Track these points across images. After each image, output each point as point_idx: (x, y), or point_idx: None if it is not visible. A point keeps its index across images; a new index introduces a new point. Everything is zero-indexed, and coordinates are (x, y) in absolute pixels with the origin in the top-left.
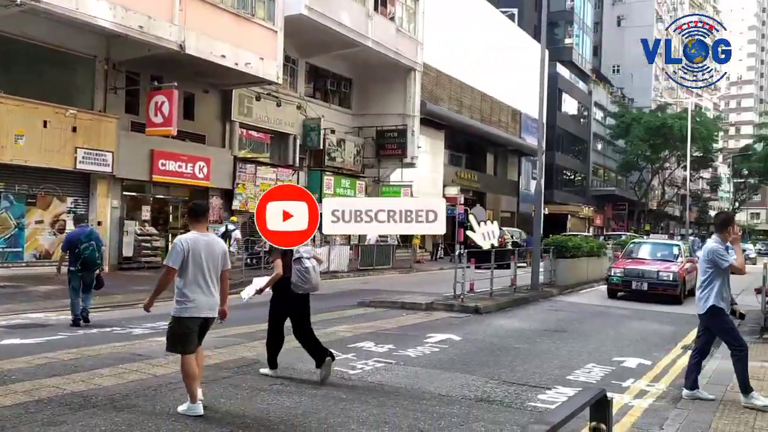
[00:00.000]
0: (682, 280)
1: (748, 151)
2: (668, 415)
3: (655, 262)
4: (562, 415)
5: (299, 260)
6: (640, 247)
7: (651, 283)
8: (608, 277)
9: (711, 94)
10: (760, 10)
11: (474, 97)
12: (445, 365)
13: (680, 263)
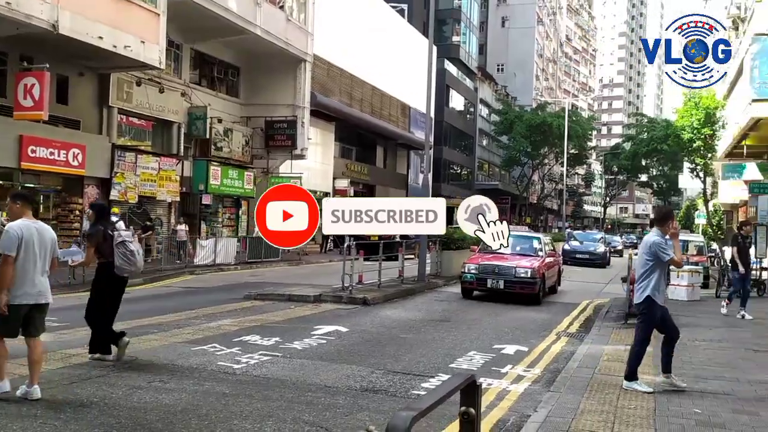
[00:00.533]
0: (541, 276)
1: (618, 150)
2: (542, 398)
3: (514, 257)
4: (429, 402)
5: (123, 243)
6: None
7: (507, 280)
8: (461, 275)
9: (586, 95)
10: (629, 18)
11: (365, 90)
12: (331, 357)
13: (541, 258)
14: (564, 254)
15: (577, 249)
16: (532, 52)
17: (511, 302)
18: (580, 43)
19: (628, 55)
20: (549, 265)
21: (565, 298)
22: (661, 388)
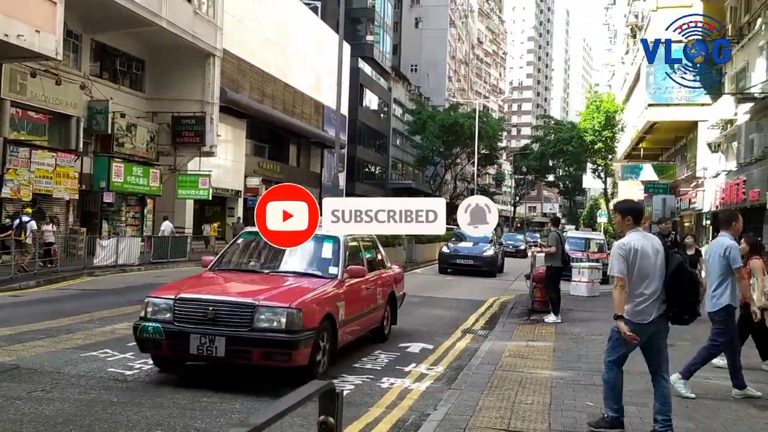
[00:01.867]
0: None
1: (527, 151)
2: (443, 396)
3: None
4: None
5: None
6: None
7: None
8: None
9: (496, 97)
10: (537, 23)
11: (277, 87)
12: None
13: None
14: (441, 259)
15: (458, 252)
16: (444, 54)
17: (421, 300)
18: (491, 46)
19: (537, 59)
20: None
21: (483, 289)
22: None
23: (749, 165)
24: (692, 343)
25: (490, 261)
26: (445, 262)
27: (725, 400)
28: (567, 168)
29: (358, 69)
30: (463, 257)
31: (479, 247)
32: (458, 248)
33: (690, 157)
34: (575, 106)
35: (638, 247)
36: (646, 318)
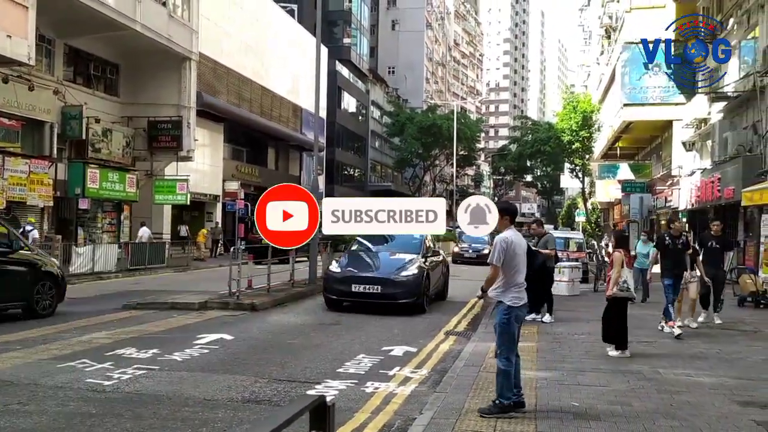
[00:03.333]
0: None
1: (505, 151)
2: (428, 399)
3: None
4: None
5: None
6: None
7: None
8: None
9: (474, 98)
10: (513, 25)
11: (254, 90)
12: (213, 367)
13: None
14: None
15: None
16: (421, 56)
17: None
18: (467, 48)
19: (513, 61)
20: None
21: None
22: None
23: (723, 163)
24: None
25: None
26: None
27: (707, 397)
28: (545, 168)
29: (336, 72)
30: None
31: (392, 264)
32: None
33: (665, 155)
34: (552, 107)
35: (515, 242)
36: (523, 301)
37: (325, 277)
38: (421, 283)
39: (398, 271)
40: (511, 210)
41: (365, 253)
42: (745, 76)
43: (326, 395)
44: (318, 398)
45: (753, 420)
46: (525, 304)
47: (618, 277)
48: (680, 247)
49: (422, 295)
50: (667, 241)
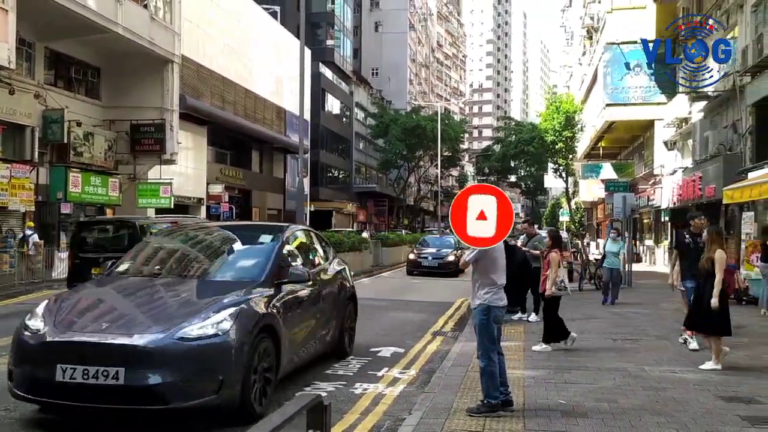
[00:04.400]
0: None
1: (489, 152)
2: (417, 399)
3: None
4: None
5: None
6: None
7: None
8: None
9: (457, 99)
10: (495, 26)
11: (237, 93)
12: None
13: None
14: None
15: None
16: (405, 57)
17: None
18: (450, 49)
19: (496, 62)
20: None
21: (444, 295)
22: None
23: (704, 162)
24: None
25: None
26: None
27: (692, 393)
28: (528, 168)
29: (320, 74)
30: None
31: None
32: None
33: (647, 155)
34: (535, 107)
35: (493, 245)
36: (502, 302)
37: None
38: (239, 354)
39: (182, 328)
40: None
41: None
42: (725, 75)
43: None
44: (315, 398)
45: (738, 415)
46: (504, 305)
47: (555, 276)
48: (702, 246)
49: (243, 383)
50: (687, 240)
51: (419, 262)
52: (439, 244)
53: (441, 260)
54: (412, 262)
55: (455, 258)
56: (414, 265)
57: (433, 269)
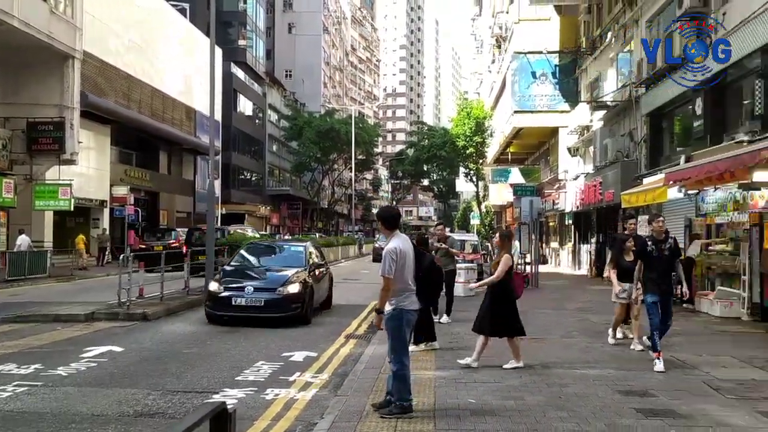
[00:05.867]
0: None
1: (402, 156)
2: (329, 403)
3: None
4: None
5: None
6: None
7: None
8: None
9: (371, 103)
10: (408, 32)
11: (144, 91)
12: (103, 381)
13: None
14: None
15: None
16: (319, 60)
17: None
18: (364, 53)
19: (409, 67)
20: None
21: None
22: None
23: (604, 168)
24: None
25: (292, 300)
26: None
27: (593, 388)
28: (441, 172)
29: (231, 74)
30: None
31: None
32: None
33: (553, 160)
34: (447, 113)
35: (404, 250)
36: (414, 305)
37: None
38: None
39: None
40: (394, 216)
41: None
42: (622, 86)
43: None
44: (218, 405)
45: (633, 408)
46: (416, 309)
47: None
48: (667, 254)
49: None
50: (650, 248)
51: (228, 299)
52: (275, 260)
53: (272, 294)
54: (215, 298)
55: (301, 287)
56: (218, 306)
57: (256, 311)
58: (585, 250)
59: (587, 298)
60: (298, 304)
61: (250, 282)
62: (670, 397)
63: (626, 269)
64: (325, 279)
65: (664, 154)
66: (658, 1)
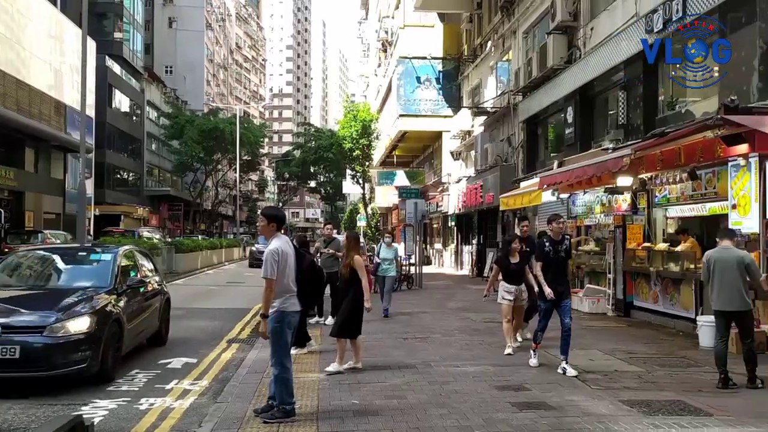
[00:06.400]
0: None
1: (289, 157)
2: (208, 411)
3: None
4: None
5: None
6: None
7: None
8: None
9: (257, 103)
10: (295, 32)
11: (7, 84)
12: None
13: None
14: None
15: None
16: (202, 57)
17: (184, 313)
18: (250, 52)
19: (296, 68)
20: None
21: (234, 302)
22: None
23: (485, 171)
24: None
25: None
26: None
27: (472, 385)
28: (328, 174)
29: (106, 68)
30: None
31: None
32: None
33: (437, 163)
34: (334, 115)
35: (285, 251)
36: (295, 307)
37: None
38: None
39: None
40: (280, 217)
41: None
42: (501, 94)
43: (92, 416)
44: (74, 418)
45: (509, 402)
46: (297, 311)
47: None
48: (563, 255)
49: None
50: (547, 248)
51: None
52: (61, 277)
53: (38, 336)
54: None
55: (93, 323)
56: None
57: (7, 368)
58: (467, 251)
59: (468, 298)
60: (86, 353)
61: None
62: (543, 390)
63: (512, 271)
64: (153, 305)
65: (540, 158)
66: (533, 14)
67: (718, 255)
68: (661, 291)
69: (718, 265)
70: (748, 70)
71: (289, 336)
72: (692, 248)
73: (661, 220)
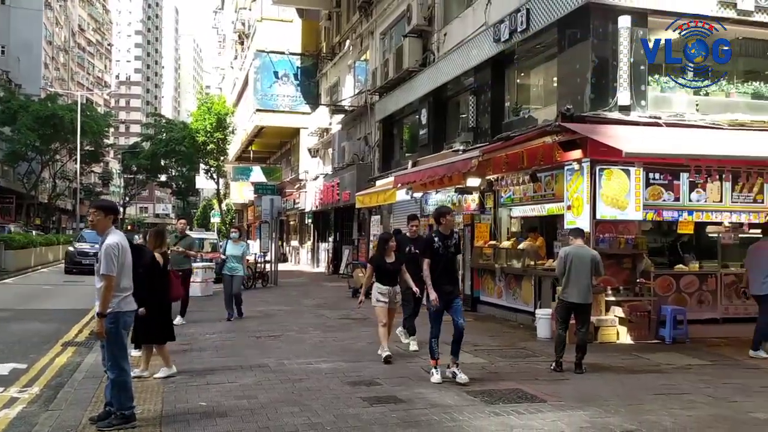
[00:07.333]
0: None
1: (137, 149)
2: (38, 420)
3: None
4: None
5: None
6: None
7: None
8: None
9: (101, 90)
10: (145, 17)
11: None
12: None
13: None
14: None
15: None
16: (39, 38)
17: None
18: (94, 36)
19: (146, 55)
20: None
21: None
22: None
23: (342, 169)
24: None
25: None
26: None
27: (325, 381)
28: (180, 168)
29: None
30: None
31: None
32: None
33: (294, 160)
34: (187, 106)
35: (126, 247)
36: (131, 307)
37: None
38: None
39: None
40: (117, 209)
41: None
42: (359, 93)
43: None
44: None
45: (360, 397)
46: (133, 310)
47: None
48: (453, 252)
49: None
50: (437, 244)
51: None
52: None
53: None
54: None
55: None
56: None
57: None
58: (323, 249)
59: (324, 295)
60: None
61: None
62: (393, 384)
63: (387, 271)
64: None
65: (395, 158)
66: (390, 16)
67: (575, 252)
68: (504, 286)
69: (575, 260)
70: (583, 81)
71: (125, 336)
72: (540, 246)
73: (506, 219)
